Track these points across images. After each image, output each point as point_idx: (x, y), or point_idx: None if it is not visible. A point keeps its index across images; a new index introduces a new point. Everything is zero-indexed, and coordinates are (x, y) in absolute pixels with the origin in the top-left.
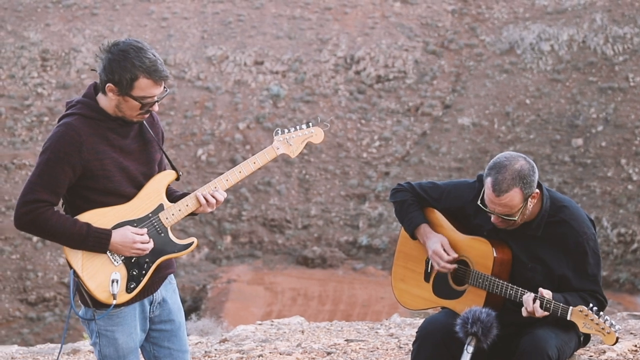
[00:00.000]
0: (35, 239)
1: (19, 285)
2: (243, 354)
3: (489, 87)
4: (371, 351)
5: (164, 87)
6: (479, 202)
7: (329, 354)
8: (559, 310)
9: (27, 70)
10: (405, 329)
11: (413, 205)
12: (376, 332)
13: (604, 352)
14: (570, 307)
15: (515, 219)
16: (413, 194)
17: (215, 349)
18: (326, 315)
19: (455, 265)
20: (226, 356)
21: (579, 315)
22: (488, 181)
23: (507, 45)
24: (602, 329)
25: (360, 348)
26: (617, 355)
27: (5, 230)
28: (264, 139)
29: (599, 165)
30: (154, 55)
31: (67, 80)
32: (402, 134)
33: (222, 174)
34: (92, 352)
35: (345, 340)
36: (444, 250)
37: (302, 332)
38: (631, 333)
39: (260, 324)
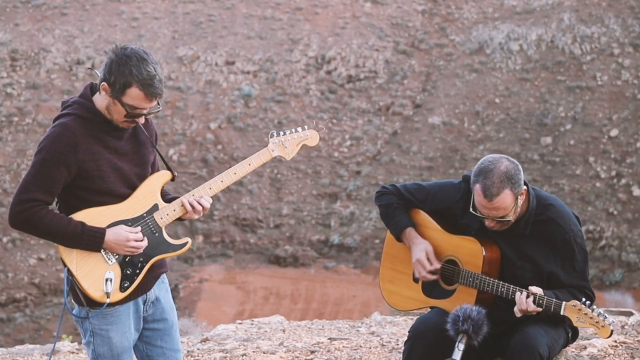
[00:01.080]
0: (5, 239)
1: None
2: (226, 353)
3: (459, 86)
4: (354, 349)
5: (157, 103)
6: (471, 210)
7: (312, 352)
8: (552, 306)
9: None
10: (386, 327)
11: (399, 208)
12: (357, 330)
13: (585, 347)
14: (564, 302)
15: (510, 219)
16: (398, 197)
17: (198, 349)
18: (298, 314)
19: (435, 276)
20: (209, 356)
21: (573, 309)
22: (477, 188)
23: (477, 45)
24: (597, 322)
25: (343, 346)
26: (598, 350)
27: None
28: (236, 138)
29: (568, 163)
30: (155, 71)
31: (36, 80)
32: (373, 134)
33: (193, 174)
34: (72, 353)
35: (329, 339)
36: (428, 259)
37: (284, 331)
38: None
39: (240, 323)
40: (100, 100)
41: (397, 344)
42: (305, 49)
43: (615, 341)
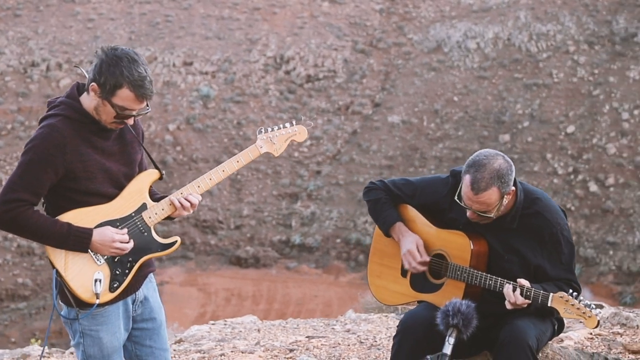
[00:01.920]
0: None
1: None
2: (204, 353)
3: (418, 85)
4: (333, 347)
5: (146, 104)
6: (455, 197)
7: (291, 350)
8: (540, 298)
9: None
10: (361, 325)
11: (387, 203)
12: (332, 328)
13: (562, 340)
14: (551, 294)
15: (491, 216)
16: (386, 192)
17: (174, 350)
18: (260, 314)
19: (424, 268)
20: (187, 356)
21: (560, 301)
22: (467, 178)
23: (435, 44)
24: (583, 313)
25: (322, 344)
26: (575, 343)
27: None
28: (195, 140)
29: (526, 160)
30: (145, 72)
31: None
32: (332, 133)
33: None
34: (44, 357)
35: (306, 337)
36: (418, 251)
37: (258, 330)
38: (580, 322)
39: (213, 324)
40: (89, 100)
41: (375, 341)
42: (264, 49)
43: (591, 334)
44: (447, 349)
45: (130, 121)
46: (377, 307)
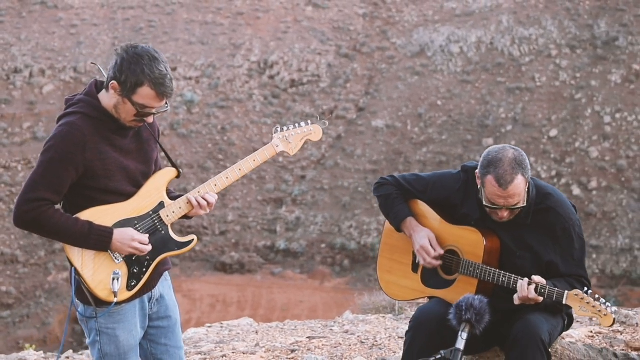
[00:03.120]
0: None
1: None
2: (205, 355)
3: (402, 89)
4: (334, 347)
5: (165, 103)
6: (484, 203)
7: (293, 351)
8: (554, 295)
9: None
10: (359, 326)
11: (398, 198)
12: (331, 329)
13: (563, 338)
14: (566, 292)
15: (524, 205)
16: (397, 187)
17: None
18: None
19: (440, 262)
20: (188, 358)
21: (575, 298)
22: (490, 179)
23: (418, 48)
24: (599, 311)
25: (323, 345)
26: (576, 340)
27: None
28: (179, 145)
29: None
30: (166, 70)
31: None
32: None
33: None
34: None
35: (307, 338)
36: (431, 245)
37: (257, 332)
38: (578, 321)
39: (210, 327)
40: (108, 98)
41: (376, 341)
42: (248, 53)
43: (591, 332)
44: (460, 344)
45: (150, 119)
46: (374, 308)
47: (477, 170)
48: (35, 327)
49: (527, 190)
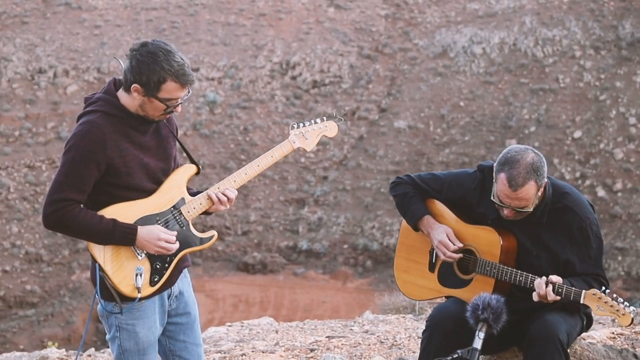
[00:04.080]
0: None
1: None
2: (224, 353)
3: (424, 90)
4: (354, 346)
5: (188, 90)
6: (491, 198)
7: (312, 350)
8: (572, 294)
9: None
10: (379, 326)
11: (414, 197)
12: (350, 329)
13: (584, 338)
14: (584, 291)
15: (530, 210)
16: (414, 186)
17: None
18: None
19: (460, 255)
20: (208, 357)
21: (593, 298)
22: (502, 177)
23: (440, 49)
24: (617, 310)
25: (342, 344)
26: (597, 342)
27: None
28: (202, 145)
29: None
30: (182, 59)
31: None
32: (339, 138)
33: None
34: (61, 359)
35: (327, 337)
36: (450, 240)
37: (276, 331)
38: (599, 322)
39: (230, 326)
40: (130, 100)
41: (395, 341)
42: (270, 54)
43: (613, 333)
44: (478, 343)
45: (179, 109)
46: (394, 308)
47: (494, 163)
48: (59, 326)
49: (538, 195)
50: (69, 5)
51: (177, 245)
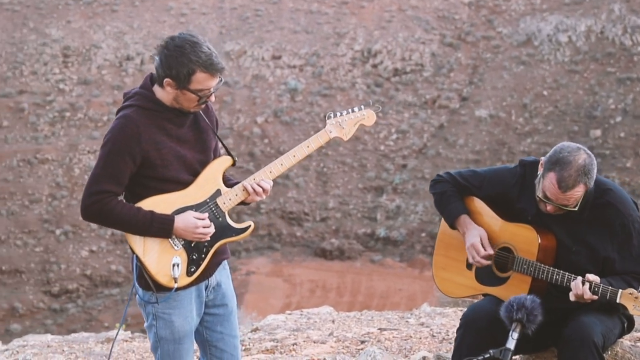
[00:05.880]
0: (58, 231)
1: (43, 277)
2: (277, 342)
3: (506, 78)
4: (404, 339)
5: (220, 78)
6: (537, 194)
7: (362, 342)
8: (608, 293)
9: (49, 67)
10: (436, 319)
11: (453, 196)
12: (407, 321)
13: (628, 340)
14: (620, 290)
15: (575, 209)
16: (453, 184)
17: (249, 338)
18: (345, 306)
19: (489, 262)
20: (260, 344)
21: (629, 297)
22: (552, 176)
23: (525, 37)
24: None
25: (393, 337)
26: None
27: (29, 223)
28: (282, 132)
29: (618, 156)
30: (209, 49)
31: (88, 77)
32: (419, 127)
33: (240, 167)
34: (126, 341)
35: (378, 329)
36: (482, 244)
37: (333, 321)
38: None
39: (290, 314)
40: (165, 94)
41: (448, 335)
42: (352, 42)
43: None
44: (511, 343)
45: (213, 98)
46: (452, 301)
47: (543, 158)
48: None
49: (583, 196)
50: None
51: (213, 229)
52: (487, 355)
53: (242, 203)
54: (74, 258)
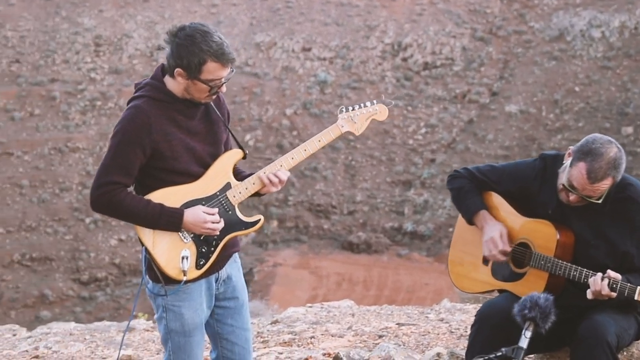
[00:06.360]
0: (87, 220)
1: (72, 265)
2: (295, 335)
3: (537, 74)
4: (422, 335)
5: (231, 69)
6: (564, 182)
7: (380, 337)
8: (626, 290)
9: (80, 56)
10: (456, 314)
11: (471, 191)
12: (426, 316)
13: None
14: (638, 287)
15: (599, 202)
16: (470, 179)
17: (268, 330)
18: (371, 300)
19: (505, 258)
20: (278, 337)
21: None
22: (582, 166)
23: (557, 32)
24: None
25: (411, 332)
26: None
27: (60, 211)
28: (311, 125)
29: None
30: (220, 38)
31: (119, 66)
32: (448, 121)
33: (269, 159)
34: (147, 331)
35: (397, 324)
36: (501, 240)
37: (353, 315)
38: None
39: (310, 307)
40: (176, 84)
41: (466, 331)
42: (382, 35)
43: None
44: (524, 342)
45: (224, 88)
46: (473, 297)
47: (572, 148)
48: None
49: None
50: None
51: (222, 224)
52: (499, 354)
53: (256, 194)
54: (103, 247)
